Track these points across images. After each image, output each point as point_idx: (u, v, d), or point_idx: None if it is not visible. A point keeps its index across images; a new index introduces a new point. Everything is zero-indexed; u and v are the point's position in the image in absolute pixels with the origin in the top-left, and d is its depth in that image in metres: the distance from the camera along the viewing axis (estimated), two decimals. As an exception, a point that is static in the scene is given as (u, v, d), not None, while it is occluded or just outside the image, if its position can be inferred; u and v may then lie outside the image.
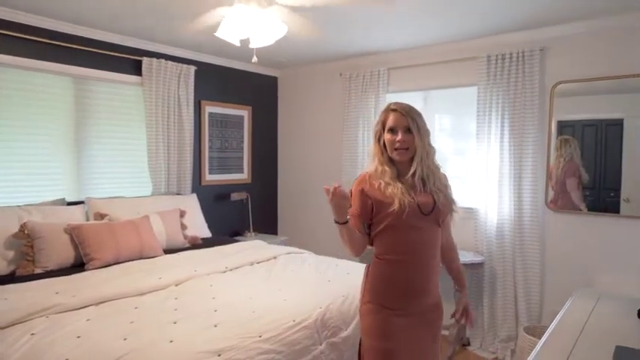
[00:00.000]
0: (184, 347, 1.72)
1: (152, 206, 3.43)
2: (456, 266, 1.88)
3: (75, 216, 3.05)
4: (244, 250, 3.25)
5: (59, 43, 3.18)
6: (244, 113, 4.64)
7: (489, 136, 3.40)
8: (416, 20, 3.09)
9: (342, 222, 1.55)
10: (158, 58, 3.72)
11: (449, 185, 1.74)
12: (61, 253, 2.73)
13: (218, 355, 1.71)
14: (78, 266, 2.74)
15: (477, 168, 3.48)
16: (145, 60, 3.66)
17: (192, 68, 3.97)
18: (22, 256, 2.66)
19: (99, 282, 2.41)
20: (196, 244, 3.44)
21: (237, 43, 2.35)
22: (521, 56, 3.24)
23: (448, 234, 1.82)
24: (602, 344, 1.23)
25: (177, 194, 3.87)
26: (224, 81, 4.42)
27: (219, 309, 2.09)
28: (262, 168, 4.87)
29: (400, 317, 1.61)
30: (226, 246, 3.34)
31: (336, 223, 1.57)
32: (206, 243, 3.47)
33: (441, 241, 1.73)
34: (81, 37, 3.32)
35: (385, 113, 1.69)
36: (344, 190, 1.50)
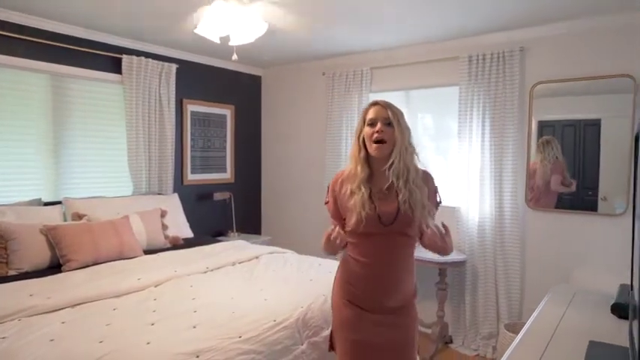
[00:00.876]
0: (162, 349, 1.69)
1: (132, 206, 3.38)
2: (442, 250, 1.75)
3: (52, 216, 2.98)
4: (226, 250, 3.22)
5: (36, 40, 3.10)
6: (227, 112, 4.60)
7: (471, 136, 3.43)
8: (398, 20, 3.10)
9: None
10: (139, 56, 3.66)
11: (426, 187, 1.64)
12: (37, 255, 2.67)
13: (197, 357, 1.68)
14: (54, 268, 2.67)
15: (459, 167, 3.51)
16: (125, 58, 3.60)
17: (173, 66, 3.92)
18: (-4, 258, 2.58)
19: (75, 283, 2.36)
20: (177, 245, 3.40)
21: (217, 40, 2.33)
22: (501, 56, 3.28)
23: (428, 237, 1.70)
24: (576, 339, 1.25)
25: (158, 194, 3.82)
26: (207, 79, 4.37)
27: (198, 310, 2.07)
28: (246, 167, 4.84)
29: (369, 313, 1.63)
30: (208, 246, 3.30)
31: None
32: (187, 243, 3.42)
33: (425, 243, 1.71)
34: (59, 34, 3.24)
35: (366, 108, 1.67)
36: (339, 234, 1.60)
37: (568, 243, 3.11)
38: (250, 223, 4.84)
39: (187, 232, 3.76)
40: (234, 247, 3.32)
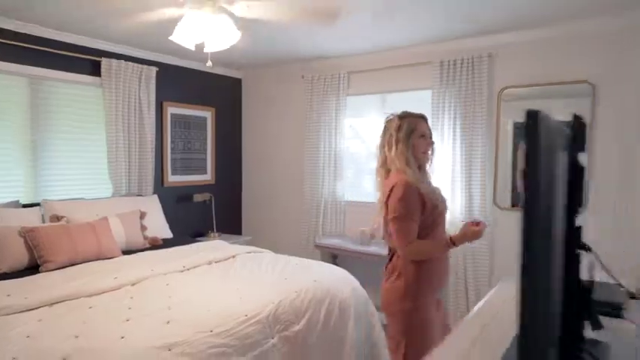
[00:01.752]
0: (135, 343, 1.76)
1: (112, 208, 3.42)
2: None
3: (30, 218, 3.01)
4: (204, 250, 3.27)
5: (12, 42, 3.13)
6: (208, 114, 4.66)
7: (442, 139, 3.56)
8: (374, 26, 3.21)
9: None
10: (118, 59, 3.71)
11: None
12: (14, 256, 2.70)
13: (169, 350, 1.76)
14: (32, 269, 2.71)
15: (431, 169, 3.62)
16: (104, 60, 3.64)
17: (153, 69, 3.97)
18: (-27, 259, 2.61)
19: (53, 283, 2.41)
20: (156, 245, 3.45)
21: (192, 47, 2.41)
22: (471, 62, 3.42)
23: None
24: (510, 329, 1.34)
25: (138, 195, 3.86)
26: (187, 82, 4.43)
27: (173, 307, 2.13)
28: (226, 169, 4.90)
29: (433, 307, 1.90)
30: (186, 246, 3.36)
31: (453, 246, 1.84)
32: (166, 243, 3.48)
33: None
34: (36, 37, 3.27)
35: (413, 120, 1.91)
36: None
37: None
38: (231, 224, 4.90)
39: (167, 233, 3.81)
40: (212, 247, 3.38)
